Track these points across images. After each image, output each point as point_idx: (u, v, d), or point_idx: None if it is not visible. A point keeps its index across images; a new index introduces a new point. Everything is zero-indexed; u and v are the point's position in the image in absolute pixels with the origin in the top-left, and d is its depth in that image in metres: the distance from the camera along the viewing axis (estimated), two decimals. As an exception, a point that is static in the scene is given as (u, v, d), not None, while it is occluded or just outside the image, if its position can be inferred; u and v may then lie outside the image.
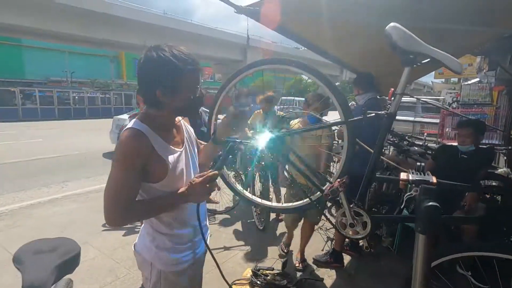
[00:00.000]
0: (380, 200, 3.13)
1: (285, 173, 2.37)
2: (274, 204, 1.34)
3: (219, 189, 4.04)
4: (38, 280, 0.84)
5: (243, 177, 4.01)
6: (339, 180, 1.10)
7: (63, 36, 19.04)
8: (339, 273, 2.65)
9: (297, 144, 2.34)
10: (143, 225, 1.23)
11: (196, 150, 1.31)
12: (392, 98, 1.06)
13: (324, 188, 1.17)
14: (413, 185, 0.97)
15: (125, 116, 7.87)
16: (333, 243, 2.93)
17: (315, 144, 2.34)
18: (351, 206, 1.14)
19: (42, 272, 0.87)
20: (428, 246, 0.82)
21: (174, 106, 1.06)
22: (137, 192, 1.05)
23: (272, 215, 3.76)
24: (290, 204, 1.31)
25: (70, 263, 1.01)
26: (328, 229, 3.45)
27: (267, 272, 1.94)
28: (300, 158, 1.27)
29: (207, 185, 1.07)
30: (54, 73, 29.21)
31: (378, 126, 1.11)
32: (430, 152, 3.33)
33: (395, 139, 3.77)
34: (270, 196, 3.40)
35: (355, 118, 1.13)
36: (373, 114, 1.12)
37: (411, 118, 8.23)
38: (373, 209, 3.00)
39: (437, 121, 5.08)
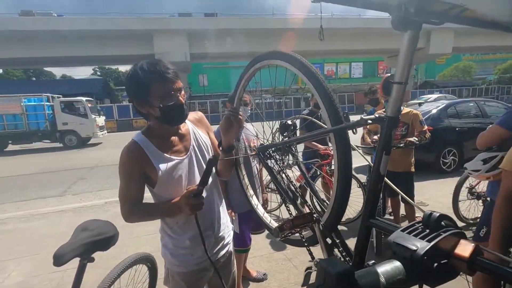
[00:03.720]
0: None
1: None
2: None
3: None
4: (62, 251, 1.15)
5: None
6: (291, 218, 0.76)
7: (248, 54, 23.56)
8: None
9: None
10: None
11: (208, 157, 1.29)
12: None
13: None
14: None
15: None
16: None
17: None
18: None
19: (68, 246, 1.19)
20: None
21: (154, 116, 1.12)
22: (139, 195, 1.18)
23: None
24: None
25: (102, 242, 1.30)
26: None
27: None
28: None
29: (190, 200, 1.07)
30: (250, 85, 36.66)
31: None
32: None
33: None
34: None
35: (343, 125, 0.74)
36: (372, 117, 0.69)
37: None
38: None
39: None
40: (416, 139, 2.83)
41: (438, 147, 5.42)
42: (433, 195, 4.42)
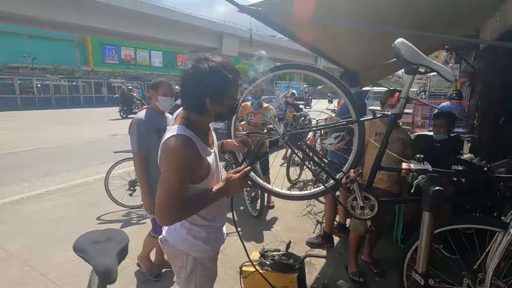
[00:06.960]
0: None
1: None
2: (291, 192, 1.51)
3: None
4: (109, 264, 0.94)
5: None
6: (353, 170, 1.29)
7: (25, 19, 17.48)
8: (330, 252, 2.93)
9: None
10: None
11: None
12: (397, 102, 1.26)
13: (337, 177, 1.36)
14: (415, 173, 1.18)
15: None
16: (323, 226, 3.22)
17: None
18: (362, 192, 1.35)
19: (109, 258, 0.97)
20: (433, 221, 1.05)
21: (218, 112, 1.18)
22: (187, 193, 1.14)
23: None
24: (307, 192, 1.49)
25: (124, 251, 1.11)
26: (317, 214, 3.75)
27: (274, 253, 2.13)
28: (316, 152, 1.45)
29: (244, 180, 1.21)
30: (12, 59, 26.79)
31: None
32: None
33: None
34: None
35: (366, 118, 1.32)
36: (381, 115, 1.32)
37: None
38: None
39: (410, 111, 5.49)
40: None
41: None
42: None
